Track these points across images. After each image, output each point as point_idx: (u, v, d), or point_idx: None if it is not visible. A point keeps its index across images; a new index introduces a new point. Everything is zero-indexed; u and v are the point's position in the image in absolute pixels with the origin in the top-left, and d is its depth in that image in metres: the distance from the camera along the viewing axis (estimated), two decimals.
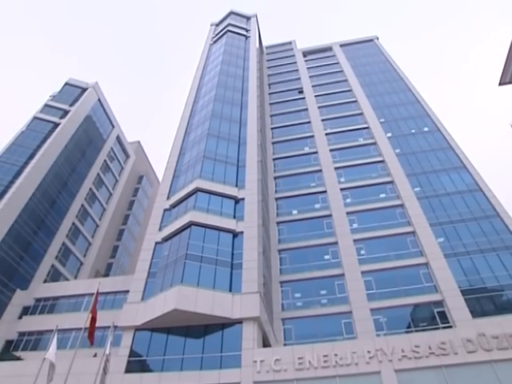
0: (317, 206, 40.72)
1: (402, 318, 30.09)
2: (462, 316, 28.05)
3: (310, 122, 52.75)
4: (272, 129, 54.07)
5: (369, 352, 22.84)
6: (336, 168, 44.20)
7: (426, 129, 47.45)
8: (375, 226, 36.99)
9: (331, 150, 46.87)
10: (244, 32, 69.98)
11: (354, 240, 35.82)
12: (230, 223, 31.40)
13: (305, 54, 72.67)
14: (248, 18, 76.73)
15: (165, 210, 34.92)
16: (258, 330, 25.09)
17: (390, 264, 33.40)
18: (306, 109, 55.72)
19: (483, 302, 29.62)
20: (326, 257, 35.54)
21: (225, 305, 25.50)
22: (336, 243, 36.03)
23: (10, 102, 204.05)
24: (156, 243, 32.01)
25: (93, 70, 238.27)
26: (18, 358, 32.04)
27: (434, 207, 37.43)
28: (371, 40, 73.19)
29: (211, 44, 69.51)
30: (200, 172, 35.14)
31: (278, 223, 39.94)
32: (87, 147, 56.57)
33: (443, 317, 29.07)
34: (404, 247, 34.61)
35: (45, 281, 41.78)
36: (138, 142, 78.88)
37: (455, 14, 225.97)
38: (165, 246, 31.22)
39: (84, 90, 59.79)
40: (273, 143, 51.30)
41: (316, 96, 58.05)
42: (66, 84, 60.04)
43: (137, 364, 24.71)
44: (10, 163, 44.78)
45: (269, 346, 26.75)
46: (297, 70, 67.02)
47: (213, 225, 30.81)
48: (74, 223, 49.33)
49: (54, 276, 43.86)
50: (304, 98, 58.55)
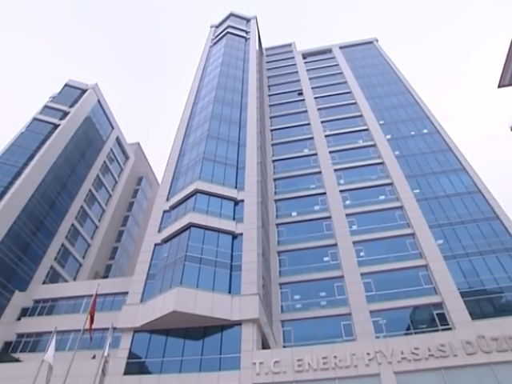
0: (316, 207, 40.73)
1: (401, 320, 30.07)
2: (461, 318, 28.05)
3: (309, 124, 52.82)
4: (272, 130, 54.12)
5: (368, 354, 22.81)
6: (335, 170, 44.24)
7: (425, 131, 47.53)
8: (374, 227, 37.01)
9: (331, 152, 46.93)
10: (244, 34, 70.11)
11: (354, 242, 35.83)
12: (229, 225, 31.39)
13: (304, 55, 72.84)
14: (248, 20, 76.92)
15: (164, 211, 34.91)
16: (258, 332, 25.04)
17: (390, 266, 33.42)
18: (306, 111, 55.80)
19: (482, 304, 29.61)
20: (326, 259, 35.53)
21: (224, 306, 25.46)
22: (335, 245, 36.04)
23: (10, 102, 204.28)
24: (155, 245, 31.98)
25: (93, 71, 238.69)
26: (17, 360, 31.95)
27: (434, 209, 37.45)
28: (371, 42, 73.39)
29: (211, 46, 69.61)
30: (199, 173, 35.13)
31: (278, 225, 39.95)
32: (87, 148, 56.56)
33: (443, 319, 29.07)
34: (403, 249, 34.62)
35: (44, 282, 41.66)
36: (138, 143, 78.91)
37: (456, 17, 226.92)
38: (164, 248, 31.19)
39: (84, 91, 59.82)
40: (272, 145, 51.34)
41: (315, 98, 58.15)
42: (66, 85, 60.07)
43: (136, 366, 24.66)
44: (9, 164, 44.74)
45: (268, 347, 26.70)
46: (296, 72, 67.14)
47: (212, 226, 30.79)
48: (73, 224, 49.28)
49: (53, 277, 43.76)
50: (303, 99, 58.65)
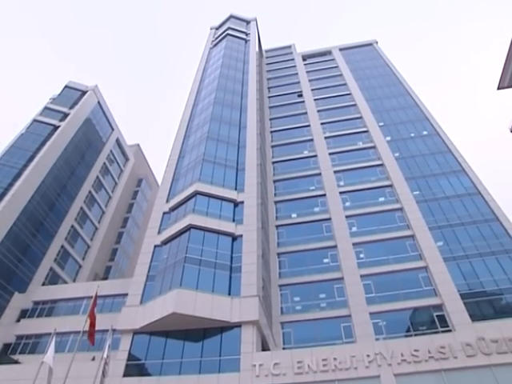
0: (316, 209, 40.72)
1: (401, 321, 30.03)
2: (461, 320, 28.01)
3: (309, 126, 52.85)
4: (271, 132, 54.14)
5: (368, 356, 22.78)
6: (335, 171, 44.24)
7: (424, 132, 47.56)
8: (374, 229, 37.00)
9: (330, 154, 46.94)
10: (244, 36, 70.22)
11: (353, 243, 35.80)
12: (229, 226, 31.38)
13: (304, 57, 72.93)
14: (248, 22, 77.06)
15: (164, 213, 34.89)
16: (257, 334, 25.01)
17: (389, 268, 33.39)
18: (306, 112, 55.84)
19: (482, 306, 29.58)
20: (325, 260, 35.51)
21: (224, 308, 25.43)
22: (335, 247, 36.01)
23: (10, 104, 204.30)
24: (155, 246, 31.96)
25: (93, 73, 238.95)
26: (16, 362, 31.91)
27: (433, 211, 37.45)
28: (370, 44, 73.48)
29: (211, 47, 69.72)
30: (199, 175, 35.13)
31: (278, 226, 39.93)
32: (87, 150, 56.59)
33: (442, 321, 29.03)
34: (403, 251, 34.60)
35: (43, 284, 41.64)
36: (138, 145, 78.94)
37: (457, 19, 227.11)
38: (164, 249, 31.16)
39: (84, 92, 59.89)
40: (272, 146, 51.36)
41: (315, 99, 58.21)
42: (66, 87, 60.15)
43: (135, 368, 24.61)
44: (9, 165, 44.75)
45: (268, 349, 26.64)
46: (296, 74, 67.21)
47: (212, 228, 30.76)
48: (72, 226, 49.27)
49: (53, 279, 43.72)
50: (303, 101, 58.69)
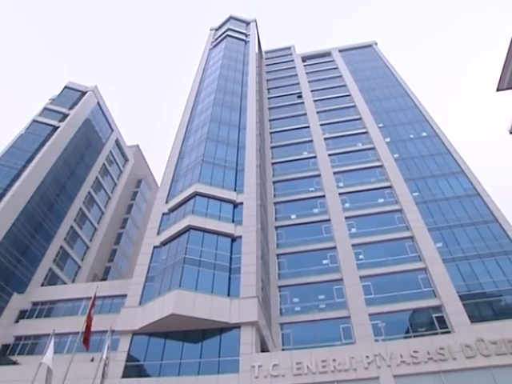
0: (315, 210, 40.71)
1: (400, 323, 30.01)
2: (460, 321, 28.01)
3: (308, 127, 52.87)
4: (271, 133, 54.16)
5: (367, 357, 22.79)
6: (335, 173, 44.24)
7: (424, 134, 47.60)
8: (374, 230, 36.99)
9: (330, 155, 46.96)
10: (243, 37, 70.31)
11: (353, 245, 35.79)
12: (228, 227, 31.38)
13: (304, 58, 73.01)
14: (247, 23, 77.18)
15: (163, 213, 34.89)
16: (256, 335, 25.00)
17: (389, 269, 33.37)
18: (305, 113, 55.87)
19: (482, 307, 29.58)
20: (325, 261, 35.49)
21: (223, 309, 25.42)
22: (334, 248, 36.00)
23: (9, 105, 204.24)
24: (154, 247, 31.95)
25: (93, 74, 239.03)
26: (15, 363, 31.81)
27: (433, 212, 37.46)
28: (370, 45, 73.59)
29: (211, 49, 69.78)
30: (199, 176, 35.14)
31: (277, 227, 39.91)
32: (86, 150, 56.58)
33: (442, 322, 29.02)
34: (402, 252, 34.59)
35: (42, 284, 41.60)
36: (137, 145, 78.94)
37: (457, 21, 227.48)
38: (163, 250, 31.16)
39: (83, 93, 59.89)
40: (271, 147, 51.38)
41: (315, 101, 58.25)
42: (66, 87, 60.15)
43: (134, 369, 24.58)
44: (8, 166, 44.71)
45: (267, 350, 26.63)
46: (296, 75, 67.25)
47: (211, 229, 30.76)
48: (72, 227, 49.23)
49: (52, 280, 43.67)
50: (303, 102, 58.73)
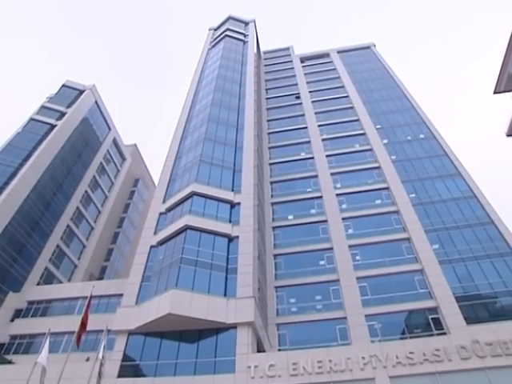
0: (312, 211, 40.76)
1: (396, 324, 30.10)
2: (456, 323, 28.12)
3: (306, 128, 52.93)
4: (269, 134, 54.20)
5: (363, 358, 22.82)
6: (332, 174, 44.32)
7: (421, 136, 47.77)
8: (370, 231, 37.08)
9: (327, 156, 47.04)
10: (242, 37, 70.31)
11: (350, 246, 35.85)
12: (225, 227, 31.37)
13: (302, 59, 73.12)
14: (246, 24, 77.19)
15: (160, 213, 34.83)
16: (253, 335, 24.99)
17: (385, 270, 33.45)
18: (303, 114, 55.95)
19: (477, 309, 29.70)
20: (322, 262, 35.54)
21: (219, 309, 25.40)
22: (331, 249, 36.05)
23: (8, 105, 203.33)
24: (151, 247, 31.88)
25: (92, 74, 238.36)
26: (10, 362, 31.65)
27: (429, 214, 37.59)
28: (368, 47, 73.76)
29: (209, 48, 69.75)
30: (196, 176, 35.11)
31: (274, 228, 39.93)
32: (83, 149, 56.40)
33: (437, 323, 29.12)
34: (399, 253, 34.69)
35: (38, 283, 41.41)
36: (135, 144, 78.79)
37: (457, 23, 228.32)
38: (160, 250, 31.09)
39: (81, 92, 59.71)
40: (269, 148, 51.41)
41: (313, 102, 58.33)
42: (63, 86, 59.91)
43: (130, 368, 24.50)
44: (5, 164, 44.50)
45: (263, 351, 26.60)
46: (294, 76, 67.32)
47: (208, 229, 30.72)
48: (68, 225, 49.04)
49: (48, 278, 43.50)
50: (301, 103, 58.80)
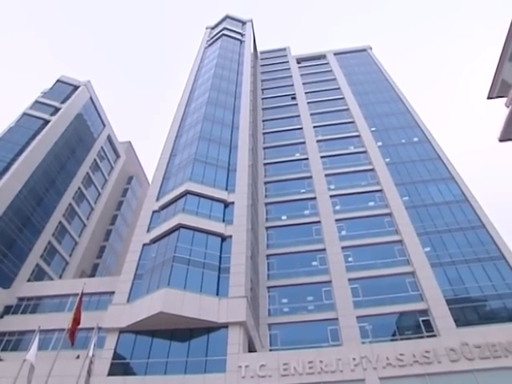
0: (306, 212, 40.86)
1: (387, 325, 30.28)
2: (446, 325, 28.35)
3: (301, 129, 53.04)
4: (264, 134, 54.23)
5: (354, 359, 22.94)
6: (326, 175, 44.44)
7: (415, 139, 48.09)
8: (363, 233, 37.25)
9: (322, 157, 47.18)
10: (239, 36, 70.28)
11: (342, 247, 36.00)
12: (218, 227, 31.33)
13: (299, 60, 73.27)
14: (244, 23, 77.15)
15: (154, 211, 34.70)
16: (244, 335, 24.99)
17: (377, 272, 33.63)
18: (299, 115, 56.05)
19: (467, 312, 29.99)
20: (314, 263, 35.64)
21: (211, 309, 25.37)
22: (324, 250, 36.16)
23: (3, 102, 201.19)
24: (144, 245, 31.75)
25: (88, 70, 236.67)
26: None
27: (422, 217, 37.85)
28: (364, 50, 74.08)
29: (206, 47, 69.62)
30: (190, 174, 35.02)
31: (267, 228, 39.97)
32: (77, 145, 55.94)
33: (428, 325, 29.34)
34: (391, 255, 34.89)
35: (29, 280, 40.98)
36: (129, 142, 78.35)
37: (455, 26, 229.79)
38: (152, 248, 30.97)
39: (76, 87, 59.19)
40: (264, 148, 51.44)
41: (308, 103, 58.46)
42: (58, 81, 59.36)
43: (120, 367, 24.39)
44: None
45: (254, 351, 26.63)
46: (290, 77, 67.44)
47: (201, 228, 30.67)
48: (60, 222, 48.62)
49: (39, 275, 43.10)
50: (297, 104, 58.92)
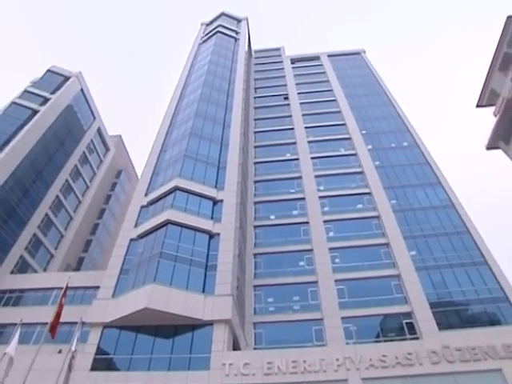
0: (295, 212, 40.98)
1: (371, 327, 30.56)
2: (428, 328, 28.71)
3: (293, 129, 53.14)
4: (255, 133, 54.20)
5: (337, 360, 23.15)
6: (316, 176, 44.60)
7: (405, 144, 48.60)
8: (351, 235, 37.50)
9: (312, 158, 47.35)
10: (234, 34, 70.14)
11: (330, 248, 36.17)
12: (206, 224, 31.28)
13: (293, 61, 73.38)
14: (239, 21, 77.05)
15: (142, 206, 34.49)
16: (229, 333, 25.02)
17: (363, 274, 33.88)
18: (290, 115, 56.16)
19: (449, 316, 30.44)
20: (301, 263, 35.79)
21: (197, 306, 25.32)
22: (311, 250, 36.31)
23: None
24: (131, 240, 31.56)
25: (81, 65, 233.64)
26: None
27: (409, 221, 38.27)
28: (358, 53, 74.54)
29: (200, 43, 69.30)
30: (180, 171, 34.88)
31: (255, 227, 39.98)
32: (66, 137, 55.13)
33: (411, 328, 29.68)
34: (377, 258, 35.21)
35: (12, 272, 40.34)
36: (119, 135, 77.51)
37: (453, 29, 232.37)
38: (139, 243, 30.79)
39: (67, 78, 58.28)
40: (255, 147, 51.42)
41: (301, 103, 58.62)
42: (48, 71, 58.31)
43: (103, 362, 24.21)
44: None
45: (239, 349, 26.67)
46: (284, 77, 67.53)
47: (189, 225, 30.59)
48: (47, 214, 47.91)
49: (22, 267, 42.42)
50: (289, 104, 59.03)
